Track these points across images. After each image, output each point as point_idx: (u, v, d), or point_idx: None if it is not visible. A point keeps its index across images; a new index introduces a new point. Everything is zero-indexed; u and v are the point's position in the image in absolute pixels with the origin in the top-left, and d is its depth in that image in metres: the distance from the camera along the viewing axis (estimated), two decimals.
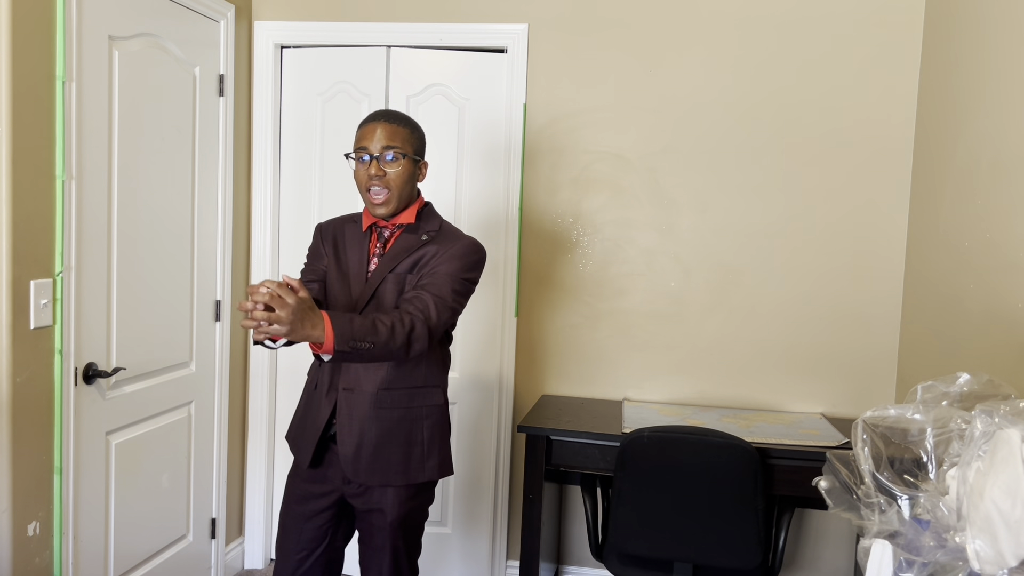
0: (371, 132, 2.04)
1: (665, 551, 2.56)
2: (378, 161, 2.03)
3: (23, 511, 2.27)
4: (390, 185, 2.04)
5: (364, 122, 2.08)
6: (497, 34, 3.19)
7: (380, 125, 2.04)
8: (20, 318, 2.21)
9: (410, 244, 2.10)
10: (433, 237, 2.11)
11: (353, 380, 2.07)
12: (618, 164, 3.18)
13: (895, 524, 1.43)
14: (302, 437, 2.17)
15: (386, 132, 2.04)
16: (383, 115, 2.08)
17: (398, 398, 2.09)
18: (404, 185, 2.07)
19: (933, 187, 2.81)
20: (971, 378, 1.51)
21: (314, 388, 2.17)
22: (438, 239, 2.11)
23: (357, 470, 2.07)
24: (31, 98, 2.21)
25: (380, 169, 2.03)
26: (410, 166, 2.07)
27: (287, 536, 2.18)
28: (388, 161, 2.03)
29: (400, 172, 2.05)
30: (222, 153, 3.10)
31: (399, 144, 2.04)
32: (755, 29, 3.07)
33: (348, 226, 2.19)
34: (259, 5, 3.30)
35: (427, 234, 2.11)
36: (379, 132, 2.04)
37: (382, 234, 2.14)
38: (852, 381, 3.11)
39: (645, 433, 2.53)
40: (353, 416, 2.07)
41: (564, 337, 3.26)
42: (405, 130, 2.07)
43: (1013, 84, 2.27)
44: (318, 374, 2.16)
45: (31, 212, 2.23)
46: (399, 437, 2.09)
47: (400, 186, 2.06)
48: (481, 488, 3.33)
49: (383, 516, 2.09)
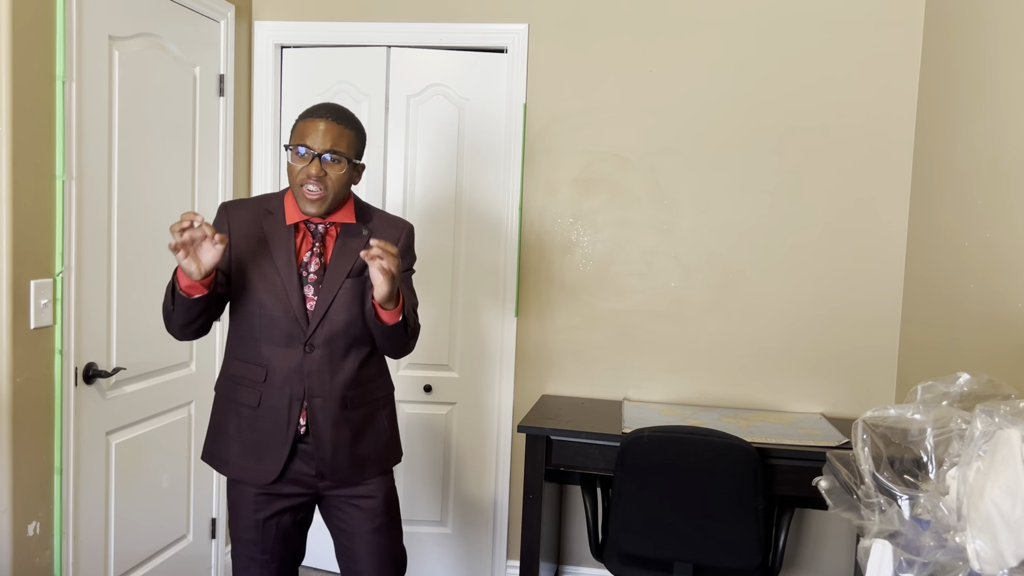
0: (315, 129, 1.93)
1: (665, 551, 2.57)
2: (319, 160, 1.93)
3: (23, 511, 2.27)
4: (327, 186, 1.94)
5: (309, 114, 1.96)
6: (497, 34, 3.19)
7: (327, 124, 1.94)
8: (20, 318, 2.21)
9: (354, 244, 2.04)
10: (371, 229, 2.08)
11: (318, 387, 2.02)
12: (618, 164, 3.18)
13: (895, 524, 1.43)
14: (258, 454, 2.05)
15: (332, 133, 1.94)
16: (331, 112, 1.96)
17: (362, 395, 2.09)
18: (342, 188, 1.98)
19: (933, 187, 2.81)
20: (971, 378, 1.51)
21: (257, 405, 2.04)
22: (376, 229, 2.09)
23: (336, 471, 2.05)
24: (31, 98, 2.21)
25: (321, 170, 1.93)
26: (350, 170, 1.99)
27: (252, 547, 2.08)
28: (329, 162, 1.94)
29: (341, 175, 1.96)
30: (222, 153, 3.10)
31: (344, 148, 1.95)
32: (755, 29, 3.07)
33: (267, 219, 2.04)
34: (259, 5, 3.30)
35: (366, 228, 2.07)
36: (325, 131, 1.93)
37: (316, 231, 2.03)
38: (852, 381, 3.11)
39: (645, 433, 2.53)
40: (327, 422, 2.03)
41: (564, 337, 3.26)
42: (351, 133, 1.97)
43: (1013, 85, 2.27)
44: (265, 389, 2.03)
45: (31, 212, 2.23)
46: (368, 431, 2.10)
47: (337, 189, 1.97)
48: (481, 488, 3.33)
49: (372, 500, 2.10)
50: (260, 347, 2.02)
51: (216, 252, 1.82)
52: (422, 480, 3.34)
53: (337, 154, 1.93)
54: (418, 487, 3.35)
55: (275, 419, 2.02)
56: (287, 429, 2.02)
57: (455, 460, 3.34)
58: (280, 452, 2.02)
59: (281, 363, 2.01)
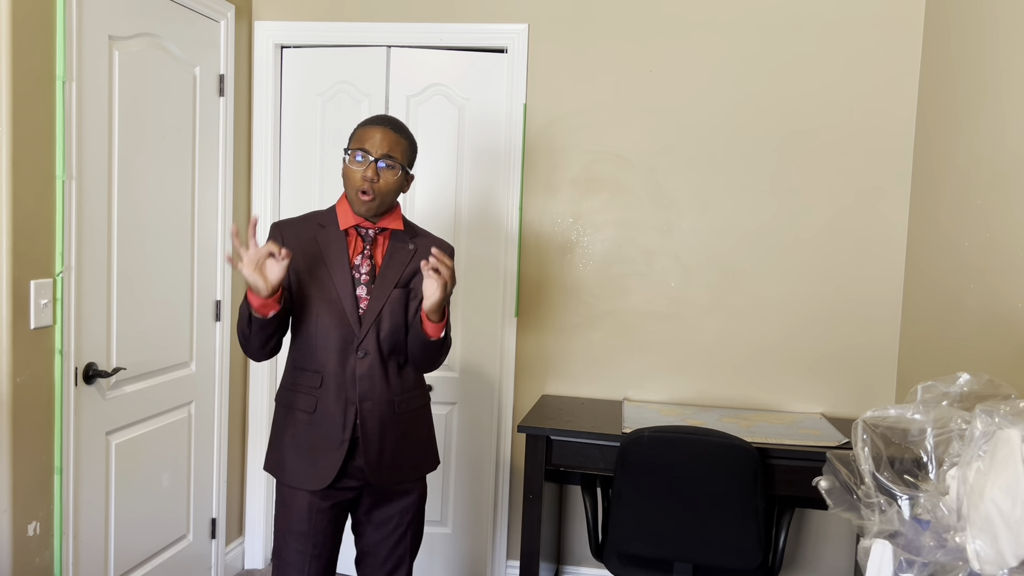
0: (374, 135, 2.05)
1: (665, 551, 2.56)
2: (375, 164, 2.04)
3: (23, 511, 2.27)
4: (380, 190, 2.05)
5: (368, 123, 2.09)
6: (497, 34, 3.19)
7: (385, 131, 2.06)
8: (20, 318, 2.21)
9: (402, 256, 2.14)
10: (418, 245, 2.17)
11: (368, 392, 2.10)
12: (618, 164, 3.18)
13: (895, 524, 1.43)
14: (314, 459, 2.09)
15: (388, 140, 2.06)
16: (388, 121, 2.09)
17: (407, 400, 2.18)
18: (392, 193, 2.09)
19: (933, 187, 2.81)
20: (971, 378, 1.51)
21: (313, 410, 2.10)
22: (422, 246, 2.18)
23: (380, 474, 2.13)
24: (31, 98, 2.21)
25: (376, 174, 2.04)
26: (402, 177, 2.10)
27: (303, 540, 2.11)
28: (383, 168, 2.05)
29: (393, 181, 2.07)
30: (222, 153, 3.10)
31: (398, 155, 2.07)
32: (755, 29, 3.07)
33: (320, 232, 2.13)
34: (259, 5, 3.30)
35: (412, 242, 2.17)
36: (382, 138, 2.05)
37: (367, 235, 2.13)
38: (852, 381, 3.11)
39: (645, 433, 2.53)
40: (375, 426, 2.11)
41: (564, 337, 3.26)
42: (405, 142, 2.10)
43: (1013, 84, 2.27)
44: (320, 395, 2.09)
45: (31, 212, 2.23)
46: (412, 436, 2.19)
47: (388, 193, 2.07)
48: (481, 488, 3.33)
49: (406, 496, 2.20)
50: (316, 354, 2.10)
51: (281, 268, 1.91)
52: None
53: (392, 159, 2.05)
54: None
55: (330, 424, 2.10)
56: (342, 432, 2.09)
57: (455, 460, 3.34)
58: (335, 456, 2.09)
59: (336, 368, 2.10)
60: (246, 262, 1.88)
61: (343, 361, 2.09)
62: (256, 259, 1.88)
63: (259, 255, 1.89)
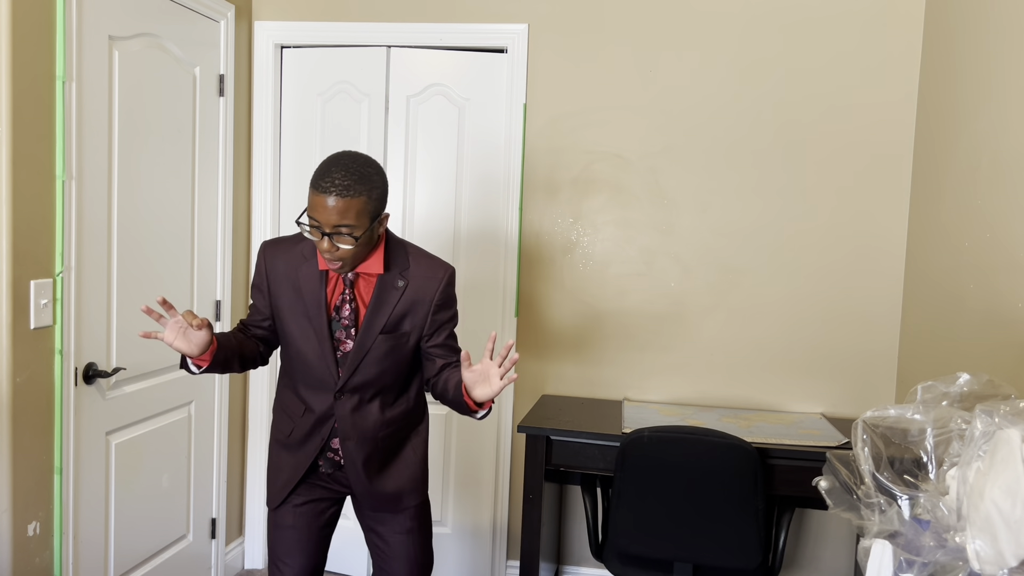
0: (323, 205, 1.80)
1: (665, 551, 2.56)
2: (329, 239, 1.83)
3: (23, 511, 2.27)
4: (344, 256, 1.86)
5: (316, 184, 1.82)
6: (497, 34, 3.19)
7: (334, 200, 1.80)
8: (20, 318, 2.21)
9: (390, 297, 1.97)
10: (407, 279, 1.99)
11: (350, 431, 2.04)
12: (618, 164, 3.18)
13: (895, 524, 1.43)
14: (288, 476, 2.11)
15: (338, 209, 1.80)
16: (336, 185, 1.80)
17: (394, 433, 2.11)
18: (361, 251, 1.89)
19: (933, 187, 2.81)
20: (971, 378, 1.51)
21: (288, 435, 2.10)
22: (412, 280, 2.00)
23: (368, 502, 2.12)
24: (31, 98, 2.21)
25: (333, 246, 1.84)
26: (367, 235, 1.86)
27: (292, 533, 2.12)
28: (339, 238, 1.83)
29: (356, 245, 1.86)
30: (222, 153, 3.10)
31: (353, 220, 1.82)
32: (755, 29, 3.07)
33: (302, 265, 2.00)
34: (259, 5, 3.30)
35: (401, 279, 1.99)
36: (331, 208, 1.80)
37: (346, 278, 1.99)
38: (852, 381, 3.11)
39: (645, 433, 2.53)
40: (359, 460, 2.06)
41: (564, 337, 3.26)
42: (361, 200, 1.82)
43: (1013, 84, 2.27)
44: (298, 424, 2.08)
45: (31, 212, 2.23)
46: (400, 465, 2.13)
47: (357, 255, 1.89)
48: (481, 488, 3.33)
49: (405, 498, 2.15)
50: (298, 387, 2.07)
51: (201, 336, 1.84)
52: None
53: (347, 227, 1.82)
54: None
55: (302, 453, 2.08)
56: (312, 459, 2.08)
57: (455, 460, 3.34)
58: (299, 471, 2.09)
59: (315, 405, 2.05)
60: (167, 334, 1.83)
61: (322, 400, 2.03)
62: (177, 329, 1.83)
63: (179, 325, 1.83)
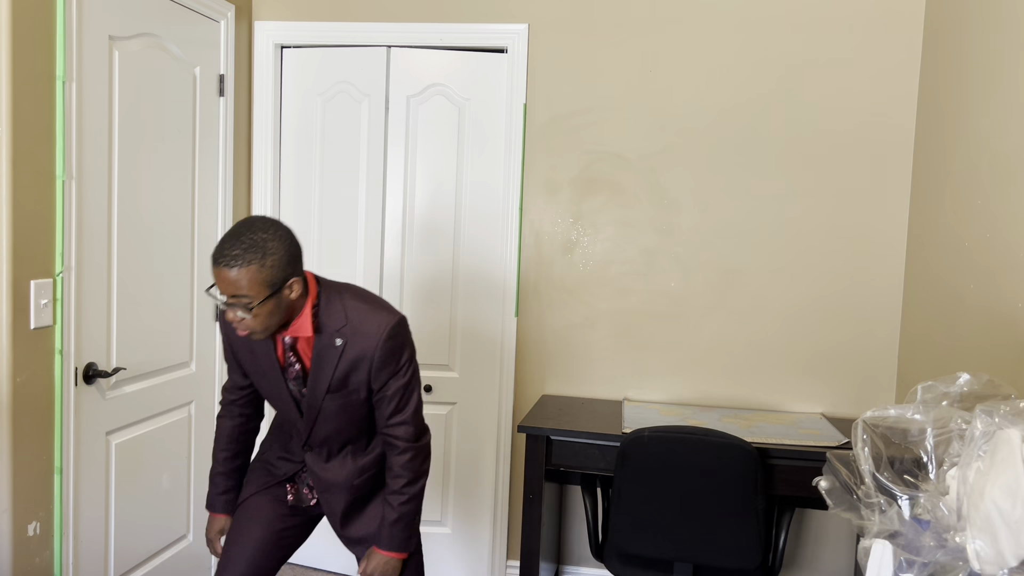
0: (217, 276, 1.76)
1: (665, 551, 2.56)
2: (230, 309, 1.78)
3: (23, 511, 2.27)
4: (251, 325, 1.80)
5: (214, 255, 1.77)
6: (497, 34, 3.19)
7: (224, 272, 1.74)
8: (20, 318, 2.21)
9: (330, 356, 1.91)
10: (346, 337, 1.91)
11: (320, 480, 2.09)
12: (618, 164, 3.18)
13: (895, 524, 1.43)
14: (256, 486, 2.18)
15: (229, 280, 1.74)
16: (225, 256, 1.74)
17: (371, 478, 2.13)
18: (270, 319, 1.81)
19: (933, 187, 2.81)
20: (971, 378, 1.51)
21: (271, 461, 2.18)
22: (352, 336, 1.91)
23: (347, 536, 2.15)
24: (31, 98, 2.21)
25: (235, 315, 1.78)
26: (272, 303, 1.79)
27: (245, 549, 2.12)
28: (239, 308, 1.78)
29: (259, 315, 1.79)
30: (222, 153, 3.10)
31: (245, 291, 1.74)
32: (755, 29, 3.07)
33: None
34: (259, 5, 3.30)
35: (339, 337, 1.90)
36: (224, 280, 1.75)
37: (285, 342, 1.95)
38: (852, 381, 3.11)
39: (645, 433, 2.53)
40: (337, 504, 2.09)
41: (564, 337, 3.26)
42: (250, 269, 1.73)
43: (1013, 84, 2.27)
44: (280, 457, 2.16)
45: (31, 212, 2.23)
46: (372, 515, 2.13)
47: (266, 322, 1.81)
48: (481, 488, 3.33)
49: None
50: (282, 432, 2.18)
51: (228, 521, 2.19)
52: None
53: (243, 297, 1.76)
54: None
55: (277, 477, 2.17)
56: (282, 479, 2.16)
57: (455, 460, 3.34)
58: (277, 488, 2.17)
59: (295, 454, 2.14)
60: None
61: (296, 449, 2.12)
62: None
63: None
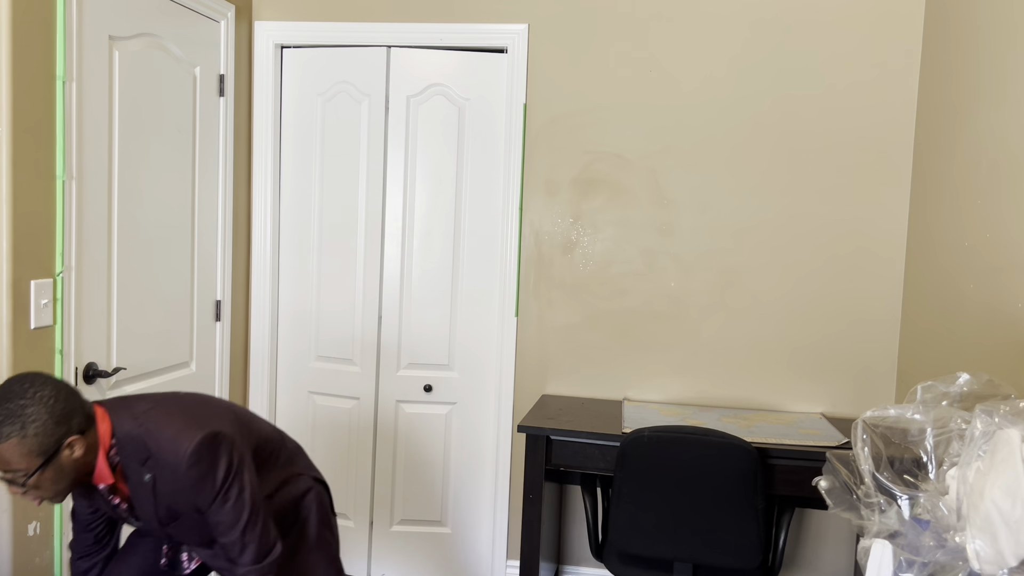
0: None
1: (665, 551, 2.57)
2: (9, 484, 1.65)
3: (23, 511, 2.27)
4: (41, 495, 1.67)
5: None
6: (497, 34, 3.19)
7: None
8: (20, 318, 2.21)
9: (144, 494, 1.79)
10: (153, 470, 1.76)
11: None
12: (618, 164, 3.18)
13: (895, 524, 1.43)
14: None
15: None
16: None
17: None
18: (56, 485, 1.67)
19: (933, 187, 2.81)
20: (971, 378, 1.51)
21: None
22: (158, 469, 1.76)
23: None
24: (31, 98, 2.21)
25: (17, 489, 1.65)
26: (48, 470, 1.63)
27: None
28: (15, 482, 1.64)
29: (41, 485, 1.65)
30: (222, 153, 3.10)
31: (14, 466, 1.61)
32: (755, 29, 3.07)
33: None
34: (259, 5, 3.30)
35: (146, 472, 1.76)
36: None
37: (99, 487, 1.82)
38: (852, 381, 3.11)
39: (645, 433, 2.53)
40: None
41: (564, 337, 3.26)
42: (11, 443, 1.58)
43: (1012, 84, 2.27)
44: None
45: (31, 212, 2.23)
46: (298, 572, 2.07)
47: (54, 489, 1.67)
48: (481, 488, 3.33)
49: None
50: None
51: None
52: (422, 480, 3.34)
53: (17, 472, 1.62)
54: (418, 487, 3.35)
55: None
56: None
57: (455, 460, 3.34)
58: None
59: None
60: None
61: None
62: None
63: None
